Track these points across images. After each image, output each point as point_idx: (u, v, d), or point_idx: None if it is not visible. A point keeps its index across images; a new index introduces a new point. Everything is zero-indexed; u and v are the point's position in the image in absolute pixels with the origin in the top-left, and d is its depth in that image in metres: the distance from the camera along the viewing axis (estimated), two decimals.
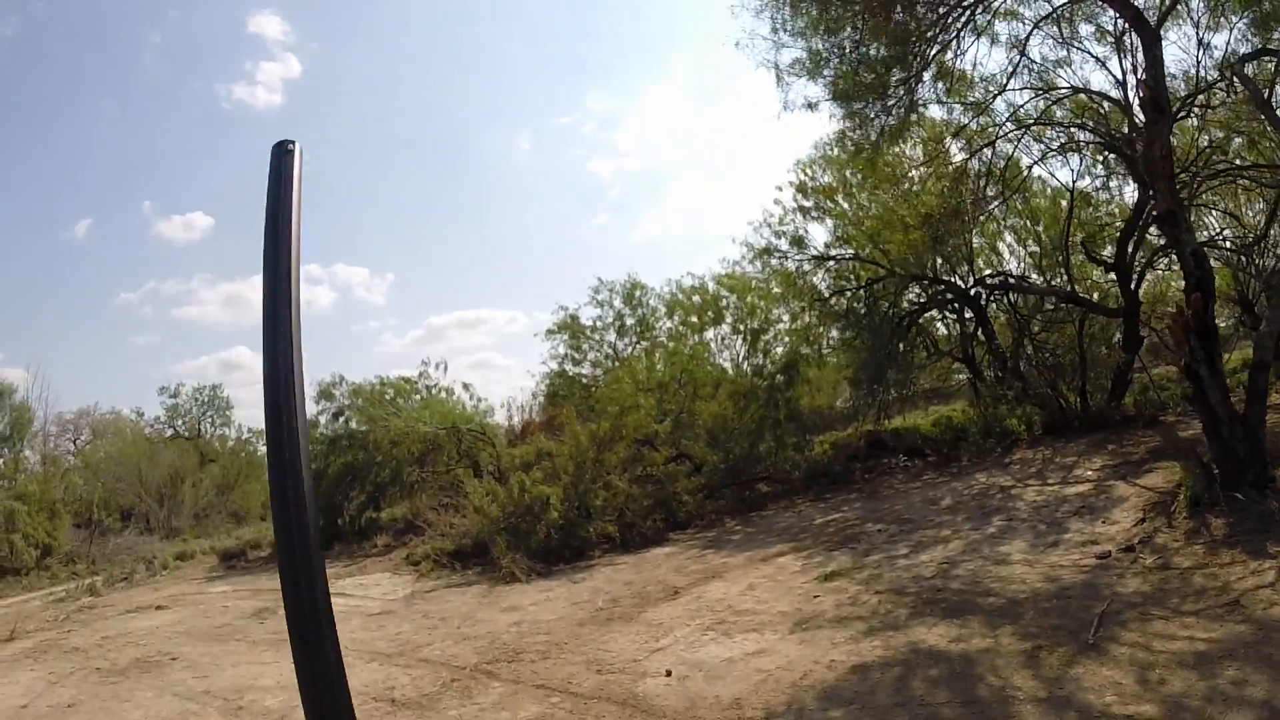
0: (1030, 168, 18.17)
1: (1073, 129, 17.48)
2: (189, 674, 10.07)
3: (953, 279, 21.08)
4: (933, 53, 15.22)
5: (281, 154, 1.95)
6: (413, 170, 73.56)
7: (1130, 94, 15.53)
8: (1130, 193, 18.68)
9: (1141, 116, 15.48)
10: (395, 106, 73.83)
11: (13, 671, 11.08)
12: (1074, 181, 18.68)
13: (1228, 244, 19.68)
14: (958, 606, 8.42)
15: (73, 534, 25.93)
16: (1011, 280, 20.49)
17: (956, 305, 21.80)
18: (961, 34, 15.33)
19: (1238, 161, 17.37)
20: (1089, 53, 16.17)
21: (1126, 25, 14.15)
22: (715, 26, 65.55)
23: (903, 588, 9.51)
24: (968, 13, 14.63)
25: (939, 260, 20.59)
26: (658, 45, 76.30)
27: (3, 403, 26.85)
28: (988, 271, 20.99)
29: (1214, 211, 19.79)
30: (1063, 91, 16.65)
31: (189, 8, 65.54)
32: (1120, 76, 16.01)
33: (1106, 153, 17.81)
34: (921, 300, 21.94)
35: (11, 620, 14.96)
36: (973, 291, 20.85)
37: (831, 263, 21.97)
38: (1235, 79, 14.52)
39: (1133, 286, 18.10)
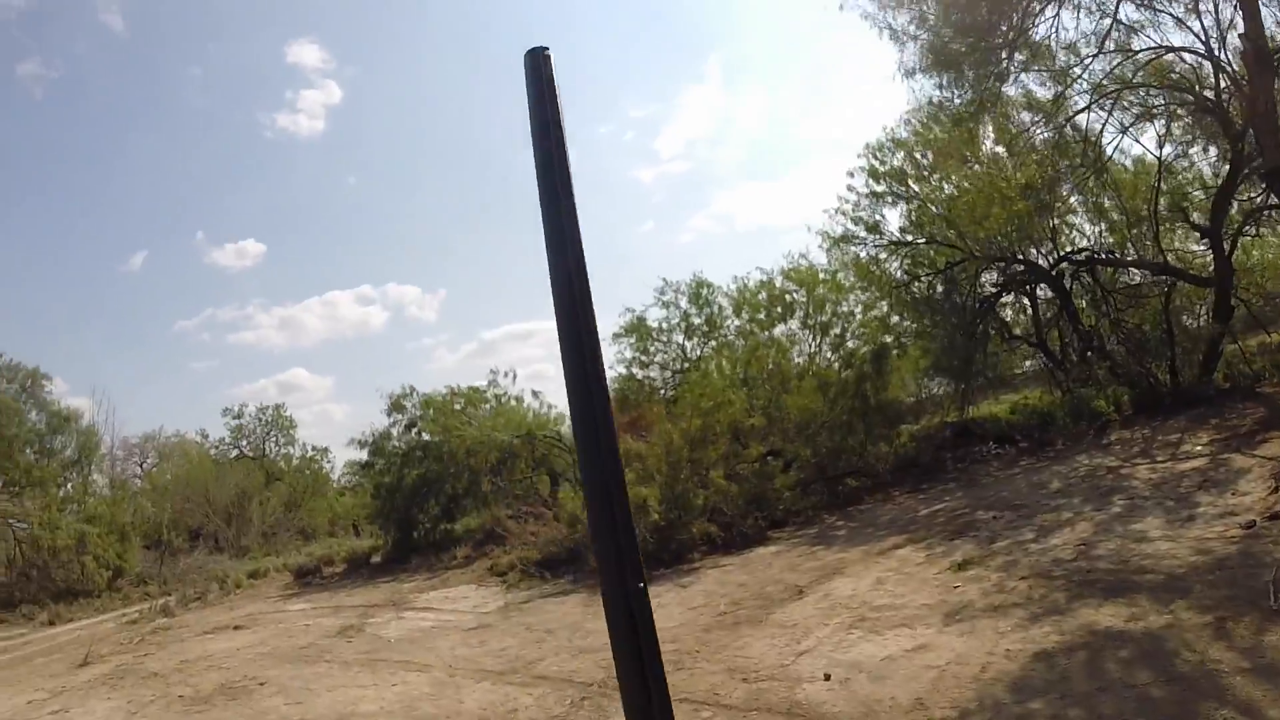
0: (1119, 134, 17.14)
1: (1158, 93, 16.30)
2: (281, 700, 9.05)
3: (1035, 258, 19.81)
4: (1027, 22, 14.29)
5: (536, 60, 1.88)
6: (457, 186, 73.35)
7: (1220, 52, 14.78)
8: (1212, 159, 17.77)
9: (1238, 72, 14.38)
10: (436, 125, 73.63)
11: (88, 700, 10.15)
12: (1160, 148, 17.61)
13: None
14: (1116, 586, 7.79)
15: (143, 555, 25.53)
16: (1099, 255, 19.22)
17: (1034, 286, 20.78)
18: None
19: None
20: (1169, 13, 15.25)
21: None
22: (750, 25, 64.09)
23: (1046, 571, 8.81)
24: None
25: (1021, 240, 19.46)
26: (694, 48, 75.05)
27: (70, 428, 26.06)
28: (1070, 249, 19.96)
29: None
30: (1148, 54, 15.68)
31: (228, 41, 66.14)
32: (1203, 36, 15.04)
33: (1196, 115, 16.58)
34: (999, 283, 20.91)
35: (85, 643, 14.10)
36: (1056, 270, 19.68)
37: (907, 248, 21.07)
38: None
39: (1226, 254, 16.92)
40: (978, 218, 18.25)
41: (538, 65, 1.86)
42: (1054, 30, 15.13)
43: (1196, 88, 15.91)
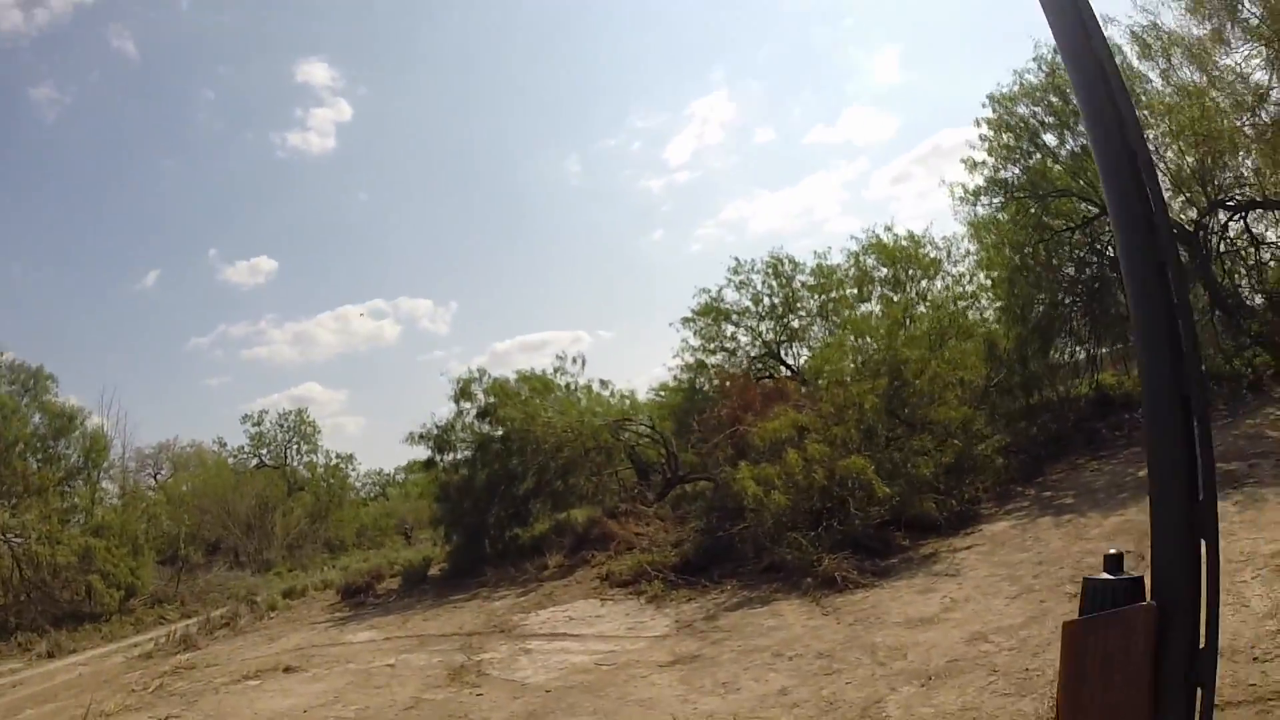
0: None
1: None
2: None
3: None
4: None
5: None
6: (468, 200, 70.44)
7: None
8: None
9: None
10: (446, 140, 70.69)
11: None
12: None
13: None
14: None
15: (157, 572, 21.23)
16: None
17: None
18: None
19: None
20: None
21: None
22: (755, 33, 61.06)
23: None
24: None
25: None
26: (698, 59, 71.80)
27: (75, 429, 21.42)
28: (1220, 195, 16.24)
29: None
30: None
31: (238, 63, 63.25)
32: None
33: None
34: None
35: (86, 690, 9.68)
36: (1207, 219, 16.05)
37: (1047, 200, 17.08)
38: None
39: None
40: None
41: None
42: None
43: None
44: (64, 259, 56.04)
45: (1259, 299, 15.85)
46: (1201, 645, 1.19)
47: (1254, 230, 16.11)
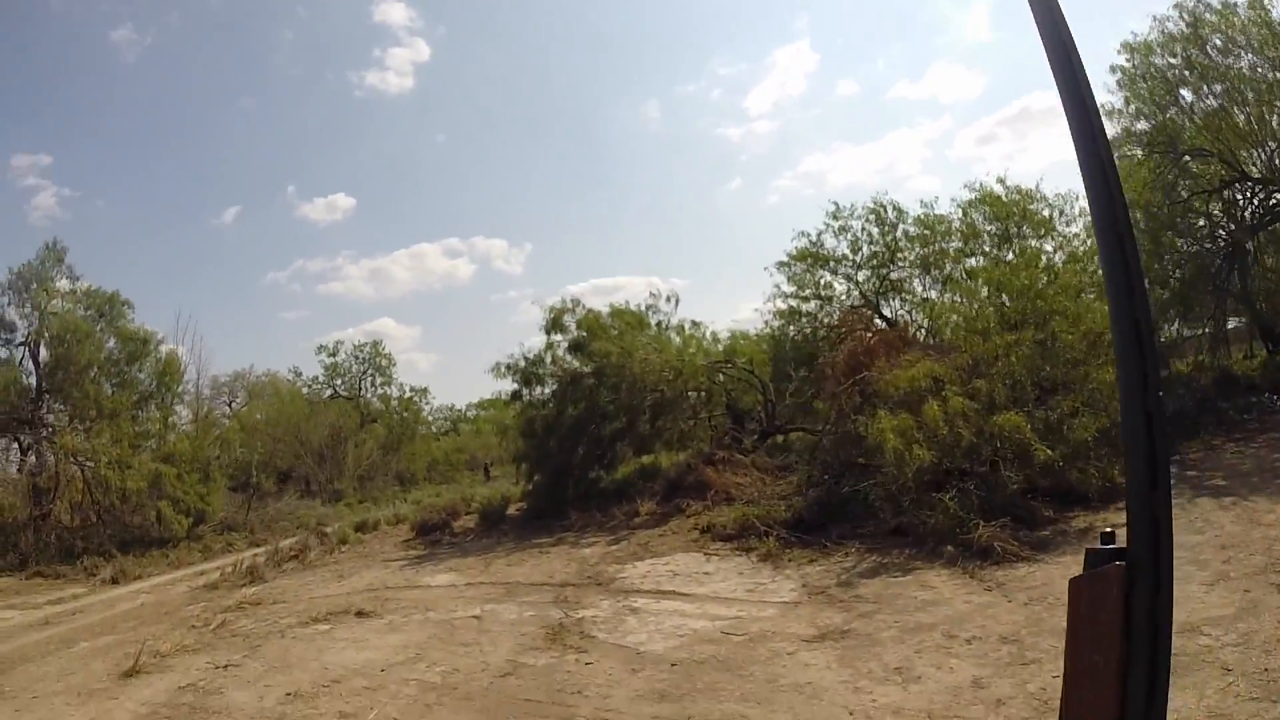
0: None
1: None
2: None
3: None
4: None
5: None
6: (546, 143, 69.86)
7: None
8: None
9: None
10: (524, 82, 70.17)
11: None
12: None
13: None
14: None
15: (228, 498, 20.82)
16: None
17: None
18: None
19: None
20: None
21: None
22: None
23: None
24: None
25: None
26: (783, 5, 69.38)
27: (149, 352, 20.52)
28: None
29: None
30: None
31: (316, 3, 63.52)
32: None
33: None
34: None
35: (147, 622, 8.66)
36: None
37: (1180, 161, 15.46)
38: None
39: None
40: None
41: None
42: None
43: None
44: (145, 196, 58.65)
45: None
46: (1159, 593, 1.31)
47: None
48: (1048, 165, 62.96)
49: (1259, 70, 14.22)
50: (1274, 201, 15.46)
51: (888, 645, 5.85)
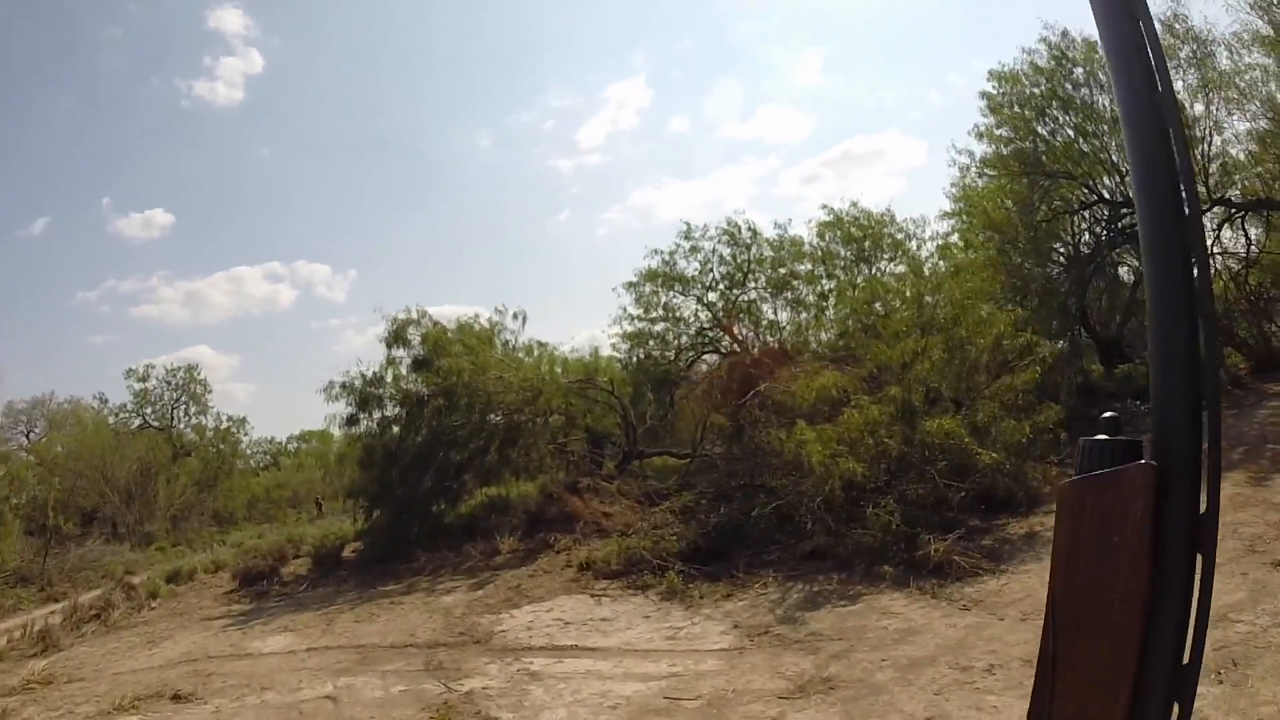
0: None
1: None
2: None
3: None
4: None
5: None
6: (376, 167, 68.65)
7: None
8: None
9: None
10: (357, 102, 69.06)
11: None
12: None
13: None
14: None
15: (22, 543, 17.99)
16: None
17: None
18: None
19: None
20: None
21: None
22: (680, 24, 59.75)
23: None
24: None
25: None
26: (621, 42, 70.32)
27: None
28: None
29: None
30: None
31: (150, 2, 57.58)
32: None
33: None
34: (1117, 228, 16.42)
35: None
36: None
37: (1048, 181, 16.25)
38: None
39: None
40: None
41: None
42: None
43: None
44: None
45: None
46: (1203, 510, 0.94)
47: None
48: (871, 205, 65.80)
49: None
50: (1123, 224, 16.06)
51: (894, 691, 4.98)
